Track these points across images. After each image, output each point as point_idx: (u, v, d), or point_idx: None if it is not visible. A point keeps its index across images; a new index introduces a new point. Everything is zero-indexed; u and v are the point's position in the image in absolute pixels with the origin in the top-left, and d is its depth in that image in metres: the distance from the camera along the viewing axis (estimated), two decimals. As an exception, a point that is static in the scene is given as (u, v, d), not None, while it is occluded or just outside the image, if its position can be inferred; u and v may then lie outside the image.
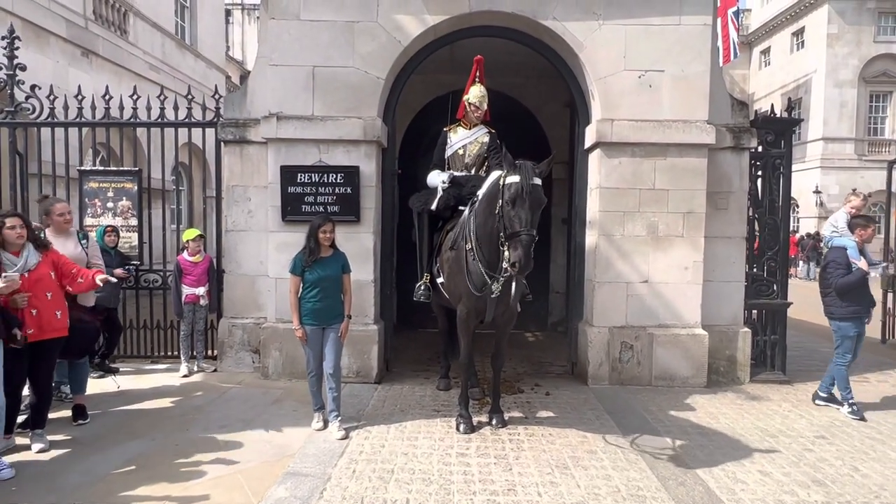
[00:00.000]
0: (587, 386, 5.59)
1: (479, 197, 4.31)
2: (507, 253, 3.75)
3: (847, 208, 5.37)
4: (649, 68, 5.51)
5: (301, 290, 4.28)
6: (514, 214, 3.73)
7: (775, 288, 5.97)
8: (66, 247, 4.32)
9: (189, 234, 5.91)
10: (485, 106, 5.15)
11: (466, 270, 4.32)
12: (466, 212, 4.58)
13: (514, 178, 3.79)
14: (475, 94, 5.14)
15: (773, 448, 4.15)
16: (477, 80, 5.20)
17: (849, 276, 4.83)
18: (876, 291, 5.49)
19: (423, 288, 5.10)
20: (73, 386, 4.56)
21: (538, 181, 3.82)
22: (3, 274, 3.58)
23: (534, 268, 3.77)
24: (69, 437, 4.13)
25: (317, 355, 4.33)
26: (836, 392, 5.10)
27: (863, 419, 4.79)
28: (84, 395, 4.56)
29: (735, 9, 5.25)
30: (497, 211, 3.89)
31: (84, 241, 4.55)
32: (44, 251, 3.88)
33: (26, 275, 3.73)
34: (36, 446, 3.87)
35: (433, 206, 5.01)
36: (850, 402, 4.93)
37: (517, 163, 3.88)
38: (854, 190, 6.31)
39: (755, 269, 6.07)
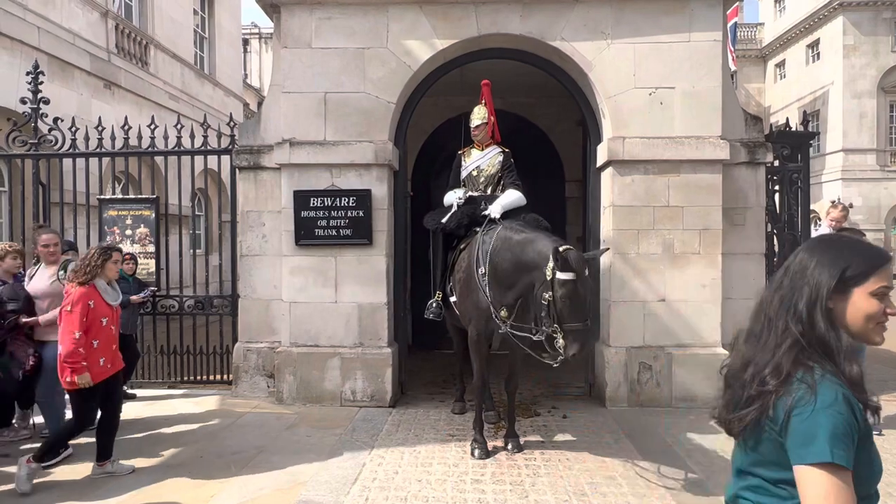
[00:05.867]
0: (605, 408, 5.48)
1: (497, 236, 4.25)
2: (560, 341, 3.58)
3: (828, 221, 5.22)
4: (659, 85, 5.49)
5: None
6: (569, 311, 3.56)
7: (797, 305, 5.81)
8: (40, 279, 4.19)
9: None
10: (475, 122, 5.14)
11: (478, 293, 4.29)
12: (480, 233, 4.56)
13: (567, 276, 3.53)
14: (474, 115, 5.18)
15: (801, 472, 3.99)
16: (483, 102, 5.23)
17: None
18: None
19: (434, 306, 5.08)
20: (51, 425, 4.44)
21: (586, 271, 3.65)
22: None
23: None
24: (84, 463, 4.12)
25: None
26: None
27: None
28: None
29: (732, 23, 5.28)
30: (546, 302, 3.66)
31: (62, 273, 4.29)
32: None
33: (115, 308, 3.94)
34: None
35: (446, 223, 4.98)
36: None
37: (565, 253, 3.56)
38: (832, 201, 6.15)
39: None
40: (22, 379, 4.28)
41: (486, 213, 4.75)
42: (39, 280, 4.24)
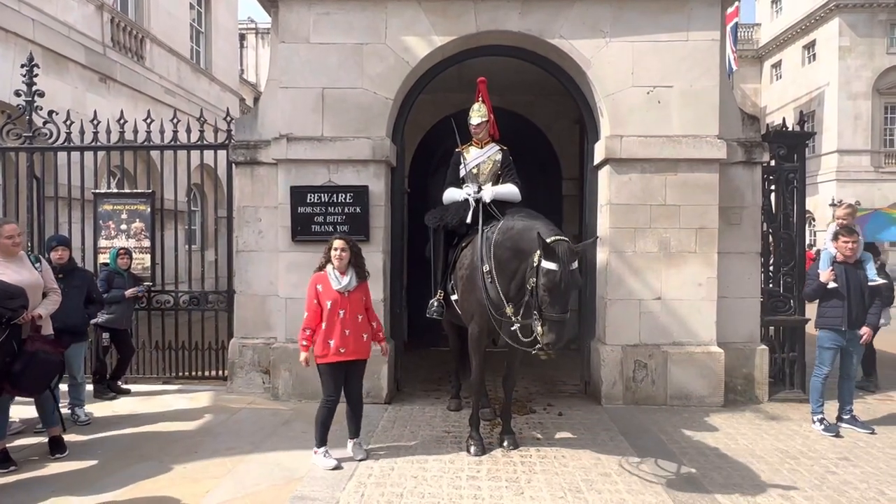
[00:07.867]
0: (601, 406, 5.49)
1: (499, 229, 4.25)
2: (539, 329, 3.63)
3: (836, 220, 5.41)
4: (658, 84, 5.50)
5: None
6: (549, 300, 3.59)
7: (792, 304, 5.85)
8: (20, 273, 3.89)
9: None
10: (476, 121, 5.08)
11: (483, 291, 4.28)
12: (482, 230, 4.54)
13: (551, 266, 3.57)
14: (473, 112, 5.14)
15: (795, 470, 4.02)
16: (480, 99, 5.21)
17: (808, 285, 4.98)
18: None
19: (436, 305, 5.06)
20: (44, 421, 4.30)
21: (575, 265, 3.66)
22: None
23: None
24: (79, 459, 4.13)
25: None
26: (856, 413, 5.00)
27: (838, 435, 4.71)
28: (58, 426, 4.28)
29: (733, 24, 5.28)
30: (530, 286, 3.72)
31: (38, 265, 4.11)
32: (361, 280, 4.17)
33: (346, 294, 4.04)
34: (358, 454, 4.15)
35: (450, 218, 4.98)
36: (820, 417, 4.87)
37: (553, 244, 3.61)
38: (840, 201, 6.41)
39: (771, 285, 5.96)
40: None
41: (479, 195, 4.81)
42: (26, 273, 3.94)
